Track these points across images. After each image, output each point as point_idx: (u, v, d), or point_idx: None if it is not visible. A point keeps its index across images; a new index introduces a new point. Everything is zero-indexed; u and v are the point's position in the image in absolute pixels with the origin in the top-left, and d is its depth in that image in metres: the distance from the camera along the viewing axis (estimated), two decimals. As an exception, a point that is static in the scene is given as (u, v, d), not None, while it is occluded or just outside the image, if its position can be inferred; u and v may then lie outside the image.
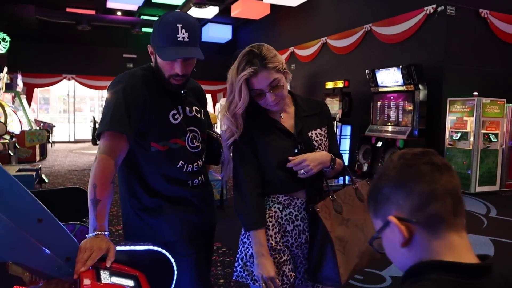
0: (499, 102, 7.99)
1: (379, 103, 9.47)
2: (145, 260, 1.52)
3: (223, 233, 1.88)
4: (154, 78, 1.75)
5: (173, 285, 1.57)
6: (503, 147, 8.18)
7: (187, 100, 1.84)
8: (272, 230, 1.68)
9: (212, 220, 1.96)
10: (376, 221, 0.91)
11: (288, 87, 1.75)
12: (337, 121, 9.98)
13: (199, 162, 1.84)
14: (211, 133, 1.97)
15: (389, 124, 9.19)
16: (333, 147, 1.80)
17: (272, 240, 1.68)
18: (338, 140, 10.17)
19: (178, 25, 1.60)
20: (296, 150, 1.67)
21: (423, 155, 0.84)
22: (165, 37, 1.61)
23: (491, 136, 7.92)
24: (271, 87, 1.62)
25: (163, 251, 1.54)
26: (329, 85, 10.47)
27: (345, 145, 10.43)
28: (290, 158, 1.64)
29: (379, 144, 9.00)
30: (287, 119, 1.74)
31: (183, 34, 1.60)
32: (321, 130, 1.76)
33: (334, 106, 10.10)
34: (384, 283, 3.59)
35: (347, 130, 10.33)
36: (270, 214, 1.69)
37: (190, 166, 1.80)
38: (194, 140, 1.82)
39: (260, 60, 1.59)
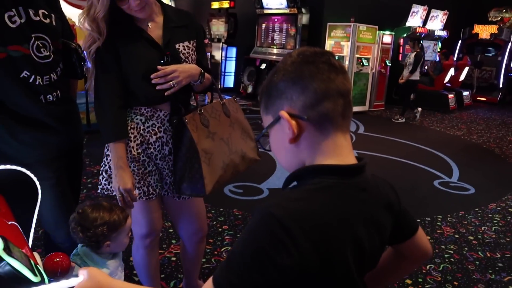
0: (373, 29, 8.54)
1: (264, 25, 9.50)
2: (2, 180, 1.36)
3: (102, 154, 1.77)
4: None
5: (37, 205, 1.46)
6: (373, 71, 8.90)
7: (32, 1, 1.57)
8: (134, 141, 1.65)
9: (74, 140, 1.80)
10: (267, 116, 0.88)
11: None
12: (222, 43, 9.85)
13: (51, 75, 1.63)
14: (68, 43, 1.73)
15: (273, 46, 9.34)
16: (202, 61, 1.76)
17: (135, 151, 1.65)
18: (224, 62, 10.11)
19: None
20: (162, 62, 1.60)
21: (322, 55, 0.83)
22: None
23: (363, 61, 8.53)
24: None
25: (24, 170, 1.40)
26: (215, 5, 10.14)
27: (230, 66, 10.43)
28: (159, 67, 1.57)
29: (263, 66, 9.17)
30: (155, 29, 1.63)
31: None
32: (189, 43, 1.69)
33: (220, 27, 9.90)
34: (262, 194, 3.81)
35: (233, 52, 10.28)
36: (132, 126, 1.64)
37: (39, 79, 1.58)
38: (43, 49, 1.58)
39: None
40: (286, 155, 0.88)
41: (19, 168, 1.39)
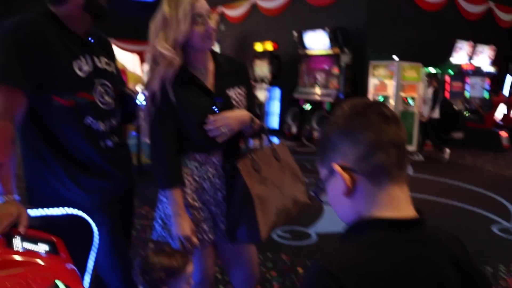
0: (417, 67, 8.42)
1: (307, 66, 9.61)
2: (62, 225, 1.42)
3: (153, 197, 1.80)
4: (60, 23, 1.54)
5: (93, 249, 1.48)
6: (420, 110, 8.70)
7: (97, 49, 1.66)
8: (189, 188, 1.66)
9: (128, 185, 1.82)
10: (322, 170, 0.88)
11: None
12: (266, 84, 10.01)
13: (112, 121, 1.68)
14: (125, 89, 1.81)
15: (316, 86, 9.39)
16: (252, 107, 1.79)
17: (189, 197, 1.66)
18: (268, 102, 10.25)
19: None
20: (215, 108, 1.64)
21: (373, 105, 0.83)
22: None
23: (409, 100, 8.39)
24: (211, 13, 1.59)
25: (83, 214, 1.45)
26: (258, 47, 10.41)
27: (274, 107, 10.54)
28: (210, 116, 1.61)
29: (307, 106, 9.20)
30: (207, 76, 1.68)
31: None
32: (240, 89, 1.73)
33: (263, 68, 10.10)
34: (310, 239, 3.73)
35: (276, 92, 10.42)
36: (187, 172, 1.66)
37: (101, 125, 1.63)
38: (106, 96, 1.64)
39: None
40: (342, 207, 0.87)
41: (80, 213, 1.43)
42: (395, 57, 8.28)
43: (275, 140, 1.87)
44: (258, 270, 1.99)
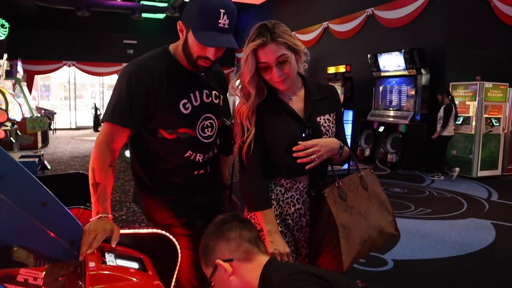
0: (501, 87, 7.94)
1: (381, 88, 9.44)
2: (149, 243, 1.53)
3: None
4: (172, 61, 1.69)
5: (177, 267, 1.58)
6: (505, 131, 8.16)
7: (207, 84, 1.77)
8: (274, 212, 1.68)
9: (216, 204, 1.92)
10: (207, 269, 1.31)
11: (302, 70, 1.72)
12: (338, 106, 9.92)
13: (210, 153, 1.80)
14: (225, 121, 1.88)
15: (391, 109, 9.17)
16: (340, 133, 1.79)
17: None
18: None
19: (221, 10, 1.53)
20: (303, 135, 1.64)
21: (232, 218, 1.35)
22: (205, 20, 1.54)
23: (493, 121, 7.90)
24: (278, 62, 1.59)
25: (167, 234, 1.55)
26: (331, 70, 10.42)
27: (347, 130, 10.34)
28: (300, 142, 1.62)
29: (381, 129, 8.99)
30: (297, 102, 1.71)
31: (224, 20, 1.54)
32: (330, 116, 1.73)
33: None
34: (386, 266, 3.62)
35: (349, 115, 10.29)
36: (272, 197, 1.69)
37: (200, 156, 1.76)
38: (208, 129, 1.75)
39: (270, 34, 1.58)
40: None
41: (163, 232, 1.54)
42: (478, 77, 7.87)
43: (364, 166, 1.85)
44: None
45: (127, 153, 9.31)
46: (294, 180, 1.69)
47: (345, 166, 1.81)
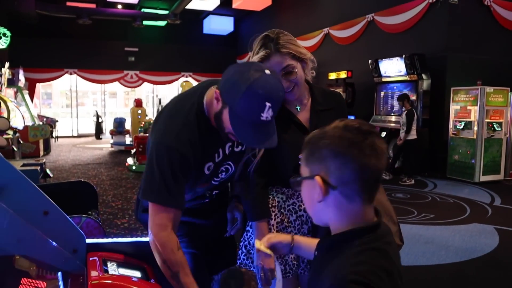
0: (503, 91, 7.93)
1: (382, 94, 9.44)
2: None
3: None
4: (206, 125, 1.53)
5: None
6: (507, 136, 8.14)
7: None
8: (275, 219, 1.68)
9: (220, 225, 1.86)
10: (304, 168, 1.00)
11: (310, 78, 1.71)
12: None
13: (220, 189, 1.79)
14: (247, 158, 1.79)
15: (392, 114, 9.16)
16: None
17: (275, 229, 1.68)
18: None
19: (267, 103, 1.33)
20: None
21: (368, 135, 0.91)
22: (248, 110, 1.34)
23: (495, 125, 7.89)
24: (284, 72, 1.57)
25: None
26: (332, 75, 10.44)
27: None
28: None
29: (383, 134, 8.98)
30: (303, 112, 1.70)
31: (268, 114, 1.35)
32: None
33: (337, 97, 10.05)
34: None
35: (350, 120, 10.30)
36: (273, 204, 1.69)
37: (208, 193, 1.74)
38: (223, 173, 1.69)
39: (274, 44, 1.56)
40: (313, 208, 1.00)
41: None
42: (479, 82, 7.88)
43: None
44: None
45: (130, 160, 9.33)
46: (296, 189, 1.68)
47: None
